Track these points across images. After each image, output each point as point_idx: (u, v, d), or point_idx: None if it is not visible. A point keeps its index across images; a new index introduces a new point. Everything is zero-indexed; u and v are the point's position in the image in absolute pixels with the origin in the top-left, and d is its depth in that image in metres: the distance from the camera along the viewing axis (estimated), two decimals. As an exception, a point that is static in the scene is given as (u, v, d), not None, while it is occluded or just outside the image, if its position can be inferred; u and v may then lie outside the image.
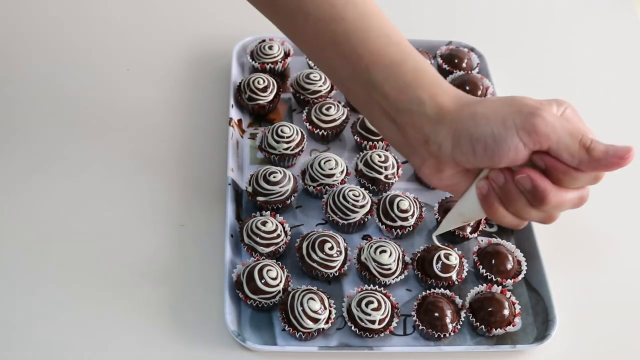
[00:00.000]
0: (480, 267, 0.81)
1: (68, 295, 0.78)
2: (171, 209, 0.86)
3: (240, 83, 0.96)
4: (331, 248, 0.79)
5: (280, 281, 0.77)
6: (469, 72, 1.01)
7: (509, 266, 0.81)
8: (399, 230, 0.83)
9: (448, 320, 0.76)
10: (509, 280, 0.80)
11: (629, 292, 0.84)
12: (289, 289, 0.78)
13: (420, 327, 0.76)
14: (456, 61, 1.01)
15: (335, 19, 0.66)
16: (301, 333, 0.75)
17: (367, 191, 0.86)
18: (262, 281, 0.76)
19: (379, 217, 0.84)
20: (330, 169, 0.86)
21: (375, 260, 0.79)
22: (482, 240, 0.84)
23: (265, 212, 0.83)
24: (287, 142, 0.89)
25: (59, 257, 0.81)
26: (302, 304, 0.75)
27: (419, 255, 0.81)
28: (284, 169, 0.86)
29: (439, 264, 0.79)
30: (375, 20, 0.67)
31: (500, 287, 0.80)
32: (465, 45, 1.04)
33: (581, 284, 0.83)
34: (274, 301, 0.76)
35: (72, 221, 0.84)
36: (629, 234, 0.89)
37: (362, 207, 0.83)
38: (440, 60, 1.02)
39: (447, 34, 1.05)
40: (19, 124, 0.93)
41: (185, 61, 1.02)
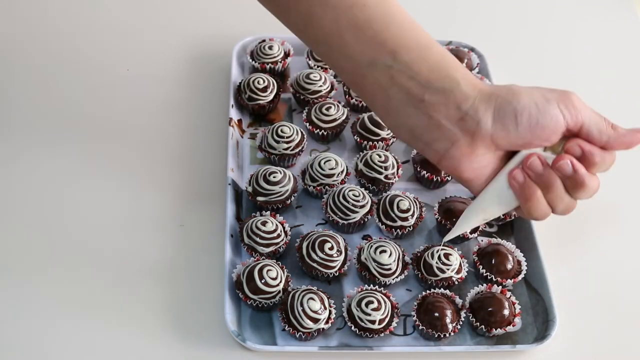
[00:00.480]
0: (480, 267, 0.81)
1: (68, 296, 0.78)
2: (171, 209, 0.86)
3: (240, 83, 0.96)
4: (331, 248, 0.79)
5: (280, 281, 0.77)
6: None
7: (509, 266, 0.81)
8: (399, 230, 0.83)
9: (448, 320, 0.76)
10: (509, 280, 0.80)
11: (629, 292, 0.84)
12: (289, 289, 0.78)
13: (420, 327, 0.76)
14: (456, 61, 1.01)
15: (355, 4, 0.65)
16: (301, 333, 0.75)
17: (367, 191, 0.86)
18: (262, 281, 0.76)
19: (379, 217, 0.84)
20: (330, 169, 0.86)
21: (375, 260, 0.79)
22: (482, 240, 0.84)
23: (265, 212, 0.83)
24: (287, 142, 0.89)
25: (59, 257, 0.81)
26: (302, 304, 0.75)
27: (419, 255, 0.81)
28: (284, 169, 0.86)
29: (439, 264, 0.79)
30: (396, 7, 0.67)
31: (500, 287, 0.80)
32: (465, 45, 1.04)
33: (581, 284, 0.83)
34: (274, 301, 0.76)
35: (71, 221, 0.84)
36: (629, 234, 0.89)
37: (362, 207, 0.83)
38: (440, 60, 1.02)
39: (447, 34, 1.05)
40: (19, 124, 0.93)
41: (185, 61, 1.02)
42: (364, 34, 0.65)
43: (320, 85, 0.95)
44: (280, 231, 0.81)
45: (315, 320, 0.74)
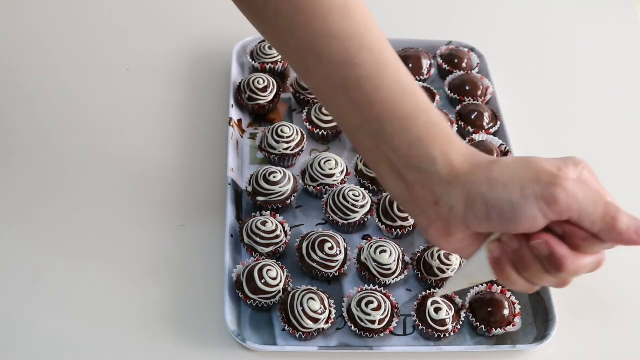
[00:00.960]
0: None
1: (67, 296, 0.78)
2: (171, 209, 0.86)
3: (240, 83, 0.96)
4: (331, 248, 0.79)
5: (280, 281, 0.77)
6: (469, 72, 1.01)
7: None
8: (399, 230, 0.83)
9: (449, 321, 0.76)
10: (509, 280, 0.80)
11: (629, 292, 0.84)
12: (289, 289, 0.78)
13: (420, 327, 0.76)
14: (456, 61, 1.01)
15: (348, 62, 0.62)
16: (301, 333, 0.75)
17: (367, 191, 0.86)
18: (262, 281, 0.76)
19: (379, 217, 0.84)
20: (330, 169, 0.86)
21: (375, 260, 0.79)
22: (482, 240, 0.84)
23: (265, 212, 0.83)
24: (287, 142, 0.89)
25: (59, 258, 0.81)
26: (302, 304, 0.75)
27: (419, 255, 0.81)
28: (284, 169, 0.86)
29: (439, 264, 0.79)
30: (390, 67, 0.63)
31: (500, 287, 0.79)
32: (465, 45, 1.04)
33: (581, 284, 0.83)
34: (274, 301, 0.76)
35: (71, 221, 0.84)
36: (629, 234, 0.89)
37: (362, 207, 0.83)
38: (440, 60, 1.02)
39: (447, 34, 1.05)
40: (18, 124, 0.93)
41: (185, 61, 1.02)
42: (354, 95, 0.62)
43: (320, 85, 0.95)
44: (280, 231, 0.81)
45: (315, 320, 0.74)
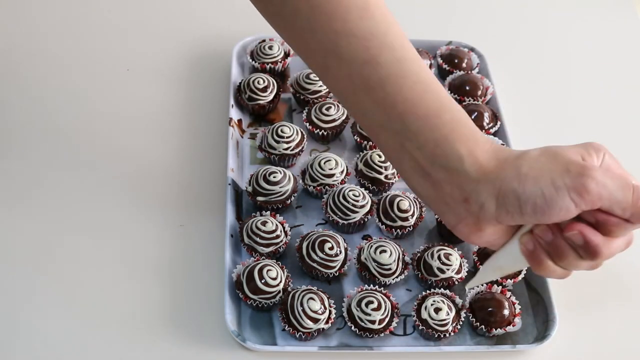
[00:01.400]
0: (480, 267, 0.81)
1: (67, 295, 0.78)
2: (171, 209, 0.86)
3: (240, 83, 0.96)
4: (331, 248, 0.79)
5: (280, 281, 0.77)
6: (469, 72, 1.01)
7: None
8: (399, 230, 0.83)
9: (451, 319, 0.76)
10: (509, 280, 0.80)
11: (629, 292, 0.84)
12: (289, 289, 0.78)
13: (420, 327, 0.76)
14: (456, 61, 1.01)
15: (369, 62, 0.62)
16: (301, 333, 0.75)
17: (367, 191, 0.86)
18: (262, 281, 0.76)
19: (379, 217, 0.84)
20: (330, 169, 0.86)
21: (375, 260, 0.79)
22: (482, 240, 0.84)
23: (265, 212, 0.84)
24: (287, 142, 0.89)
25: (58, 258, 0.81)
26: (302, 304, 0.75)
27: (419, 255, 0.81)
28: (284, 169, 0.86)
29: (439, 264, 0.79)
30: (412, 66, 0.63)
31: (500, 287, 0.80)
32: (465, 45, 1.04)
33: (581, 284, 0.83)
34: (274, 301, 0.76)
35: (71, 221, 0.84)
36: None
37: (362, 207, 0.83)
38: (440, 60, 1.02)
39: (447, 34, 1.05)
40: (18, 124, 0.93)
41: (185, 61, 1.02)
42: (376, 95, 0.62)
43: (320, 85, 0.95)
44: (280, 231, 0.81)
45: (315, 320, 0.74)
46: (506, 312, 0.77)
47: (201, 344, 0.75)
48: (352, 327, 0.76)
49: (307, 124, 0.93)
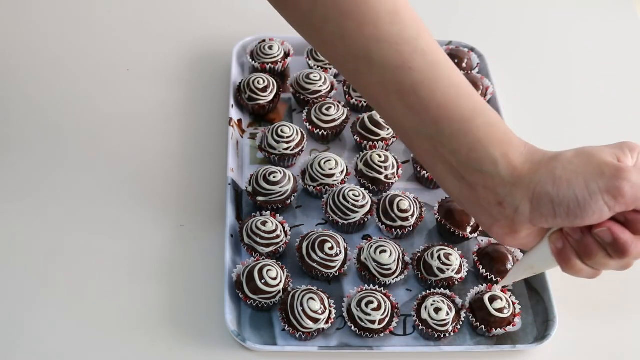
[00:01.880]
0: (480, 267, 0.81)
1: (67, 295, 0.78)
2: (171, 209, 0.86)
3: (240, 83, 0.96)
4: (331, 248, 0.79)
5: (280, 281, 0.77)
6: (469, 72, 1.01)
7: (509, 266, 0.81)
8: (399, 230, 0.83)
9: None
10: (509, 280, 0.80)
11: (629, 292, 0.83)
12: (289, 289, 0.78)
13: (420, 327, 0.76)
14: (456, 61, 1.01)
15: (401, 67, 0.62)
16: (301, 333, 0.75)
17: (367, 191, 0.86)
18: (262, 281, 0.76)
19: (379, 217, 0.84)
20: (330, 169, 0.86)
21: (375, 260, 0.79)
22: (482, 240, 0.84)
23: (265, 212, 0.84)
24: (287, 142, 0.89)
25: (58, 258, 0.81)
26: (302, 304, 0.75)
27: (419, 255, 0.81)
28: (284, 169, 0.86)
29: (439, 265, 0.79)
30: (444, 70, 0.63)
31: (500, 287, 0.79)
32: (465, 45, 1.04)
33: (581, 284, 0.83)
34: (274, 301, 0.76)
35: (71, 221, 0.84)
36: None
37: (362, 207, 0.83)
38: (440, 60, 1.02)
39: (447, 34, 1.05)
40: (18, 124, 0.93)
41: (185, 61, 1.02)
42: (409, 100, 0.62)
43: (320, 85, 0.95)
44: (280, 231, 0.81)
45: (315, 320, 0.74)
46: (506, 312, 0.77)
47: (201, 344, 0.75)
48: (352, 327, 0.76)
49: (307, 124, 0.93)
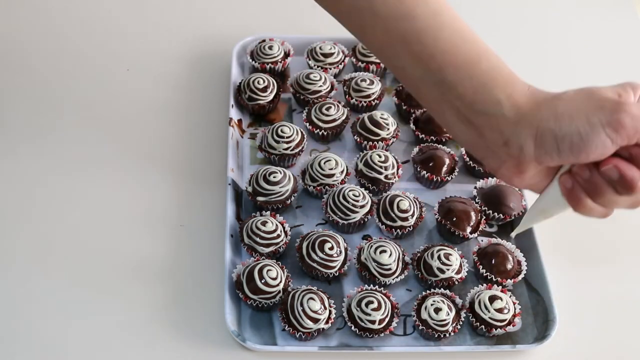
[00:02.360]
0: (480, 267, 0.81)
1: (67, 296, 0.78)
2: (171, 209, 0.86)
3: (240, 83, 0.96)
4: (331, 248, 0.79)
5: (280, 281, 0.77)
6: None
7: (509, 266, 0.81)
8: (399, 230, 0.83)
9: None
10: (509, 280, 0.80)
11: (629, 292, 0.83)
12: (289, 289, 0.78)
13: (420, 327, 0.76)
14: (456, 61, 1.01)
15: (405, 16, 0.63)
16: (301, 333, 0.75)
17: (367, 191, 0.86)
18: (262, 281, 0.76)
19: (379, 217, 0.84)
20: (330, 169, 0.86)
21: (375, 260, 0.79)
22: (482, 240, 0.84)
23: (265, 212, 0.83)
24: (287, 142, 0.89)
25: (58, 257, 0.81)
26: (302, 304, 0.75)
27: (419, 255, 0.81)
28: (284, 169, 0.86)
29: (439, 265, 0.79)
30: (446, 17, 0.64)
31: (500, 287, 0.79)
32: (465, 45, 1.04)
33: (581, 284, 0.83)
34: (274, 301, 0.76)
35: (71, 221, 0.84)
36: (630, 233, 0.89)
37: (362, 207, 0.83)
38: (440, 60, 1.02)
39: (447, 34, 1.05)
40: (18, 124, 0.93)
41: (185, 61, 1.02)
42: (413, 49, 0.64)
43: (320, 85, 0.95)
44: (280, 231, 0.81)
45: (315, 320, 0.74)
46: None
47: (201, 344, 0.75)
48: (352, 327, 0.76)
49: (307, 124, 0.93)
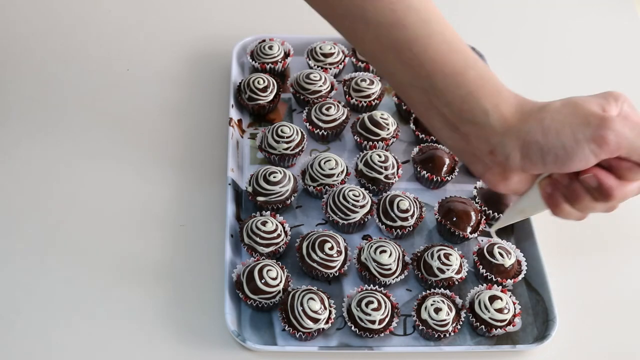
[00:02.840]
0: (480, 267, 0.81)
1: (67, 296, 0.78)
2: (171, 209, 0.86)
3: (240, 83, 0.96)
4: (331, 248, 0.79)
5: (280, 281, 0.77)
6: (469, 72, 1.00)
7: (508, 265, 0.80)
8: (399, 230, 0.83)
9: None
10: (509, 280, 0.80)
11: (629, 292, 0.83)
12: (289, 289, 0.78)
13: (420, 327, 0.76)
14: (456, 61, 1.01)
15: (395, 24, 0.64)
16: (301, 333, 0.75)
17: (367, 191, 0.86)
18: (262, 281, 0.76)
19: (379, 217, 0.84)
20: (330, 169, 0.86)
21: (375, 260, 0.79)
22: (482, 240, 0.84)
23: (265, 212, 0.83)
24: (287, 142, 0.89)
25: (58, 257, 0.81)
26: (302, 304, 0.75)
27: (419, 255, 0.81)
28: (284, 169, 0.86)
29: (439, 265, 0.79)
30: (436, 26, 0.65)
31: (500, 287, 0.79)
32: (465, 45, 1.04)
33: (581, 284, 0.83)
34: (274, 301, 0.76)
35: (71, 221, 0.84)
36: (630, 233, 0.89)
37: (362, 207, 0.83)
38: (440, 60, 1.02)
39: (447, 33, 1.05)
40: (18, 125, 0.93)
41: (185, 61, 1.02)
42: (404, 56, 0.65)
43: (320, 85, 0.95)
44: (280, 231, 0.81)
45: (315, 320, 0.74)
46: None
47: (201, 344, 0.75)
48: (352, 327, 0.76)
49: (307, 124, 0.93)
